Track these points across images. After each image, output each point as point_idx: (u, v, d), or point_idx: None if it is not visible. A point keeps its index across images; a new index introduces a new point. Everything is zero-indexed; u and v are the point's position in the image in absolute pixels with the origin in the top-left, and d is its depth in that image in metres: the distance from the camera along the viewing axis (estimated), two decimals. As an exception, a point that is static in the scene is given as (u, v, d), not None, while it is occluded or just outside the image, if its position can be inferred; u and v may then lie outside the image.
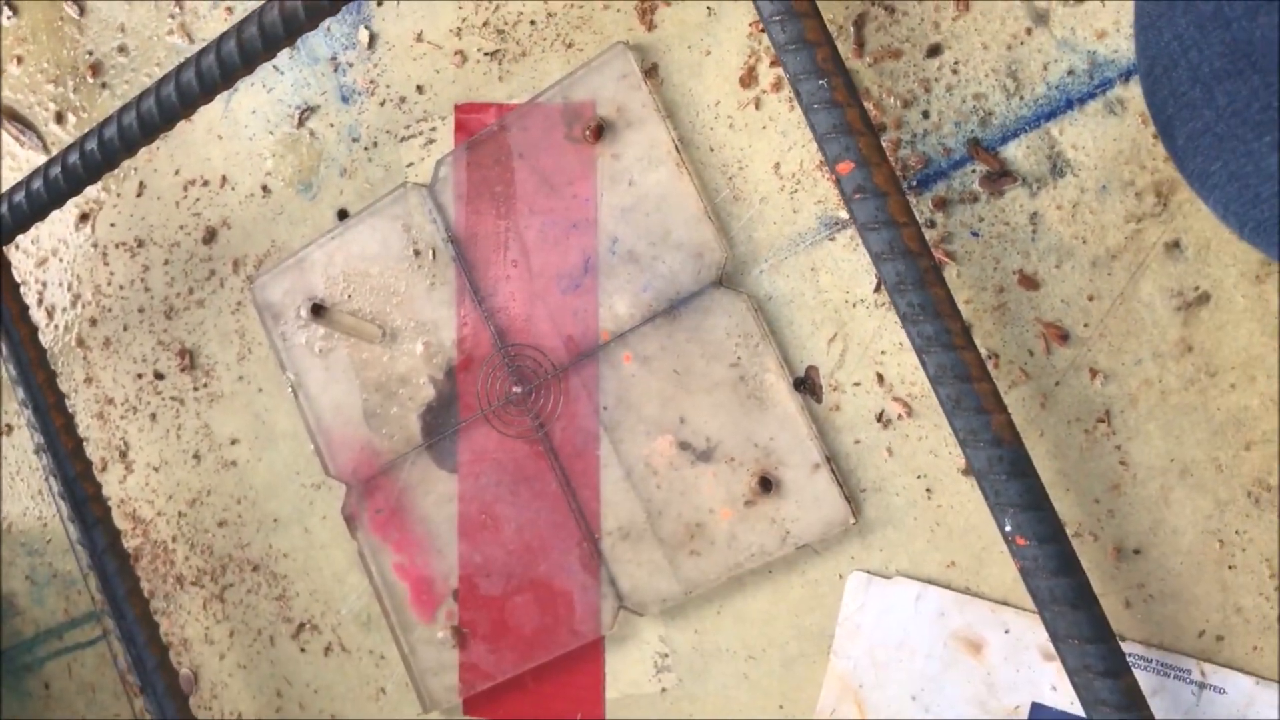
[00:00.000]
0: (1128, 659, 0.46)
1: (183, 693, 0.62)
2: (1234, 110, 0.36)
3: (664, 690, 0.57)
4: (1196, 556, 0.47)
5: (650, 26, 0.55)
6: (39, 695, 0.76)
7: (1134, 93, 0.47)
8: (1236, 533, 0.47)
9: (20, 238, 0.73)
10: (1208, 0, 0.36)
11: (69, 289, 0.72)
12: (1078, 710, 0.48)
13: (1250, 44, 0.35)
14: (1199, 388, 0.47)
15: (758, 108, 0.53)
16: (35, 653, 0.76)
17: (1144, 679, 0.47)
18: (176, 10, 0.67)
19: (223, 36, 0.53)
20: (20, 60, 0.72)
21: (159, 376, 0.69)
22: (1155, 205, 0.47)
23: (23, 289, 0.72)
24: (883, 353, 0.52)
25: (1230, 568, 0.47)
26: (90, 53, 0.70)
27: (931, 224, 0.51)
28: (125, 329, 0.70)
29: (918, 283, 0.45)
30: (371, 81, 0.62)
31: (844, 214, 0.52)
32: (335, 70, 0.63)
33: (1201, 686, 0.47)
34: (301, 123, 0.64)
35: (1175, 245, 0.47)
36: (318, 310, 0.62)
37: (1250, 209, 0.36)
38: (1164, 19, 0.38)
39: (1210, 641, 0.47)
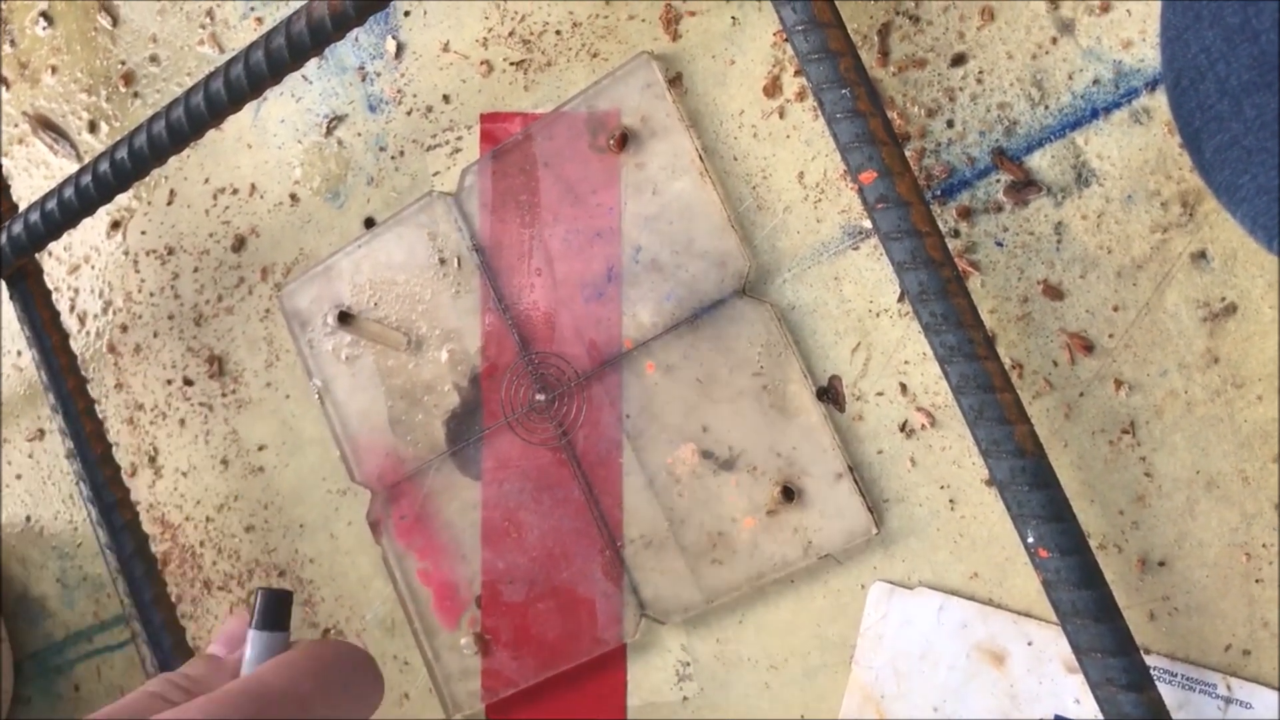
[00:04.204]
0: (1152, 672, 0.45)
1: (209, 696, 0.63)
2: (1263, 123, 0.36)
3: (685, 699, 0.57)
4: (1223, 570, 0.47)
5: (675, 36, 0.55)
6: (69, 697, 0.77)
7: (1160, 102, 0.47)
8: (1264, 546, 0.46)
9: (52, 245, 0.74)
10: (1235, 13, 0.36)
11: (100, 296, 0.73)
12: (1102, 723, 0.48)
13: (1279, 56, 0.35)
14: (1225, 399, 0.47)
15: (782, 117, 0.54)
16: (65, 655, 0.77)
17: (1169, 693, 0.47)
18: (207, 21, 0.68)
19: (251, 47, 0.53)
20: (55, 70, 0.73)
21: (188, 383, 0.70)
22: (1181, 215, 0.47)
23: (54, 296, 0.73)
24: (906, 362, 0.52)
25: (1257, 581, 0.46)
26: (123, 62, 0.71)
27: (955, 233, 0.51)
28: (155, 335, 0.71)
29: (940, 293, 0.45)
30: (399, 91, 0.62)
31: (867, 223, 0.52)
32: (363, 80, 0.63)
33: (1228, 701, 0.46)
34: (329, 132, 0.64)
35: (1201, 255, 0.47)
36: (344, 318, 0.63)
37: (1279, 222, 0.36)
38: (1191, 31, 0.37)
39: (1237, 656, 0.47)
